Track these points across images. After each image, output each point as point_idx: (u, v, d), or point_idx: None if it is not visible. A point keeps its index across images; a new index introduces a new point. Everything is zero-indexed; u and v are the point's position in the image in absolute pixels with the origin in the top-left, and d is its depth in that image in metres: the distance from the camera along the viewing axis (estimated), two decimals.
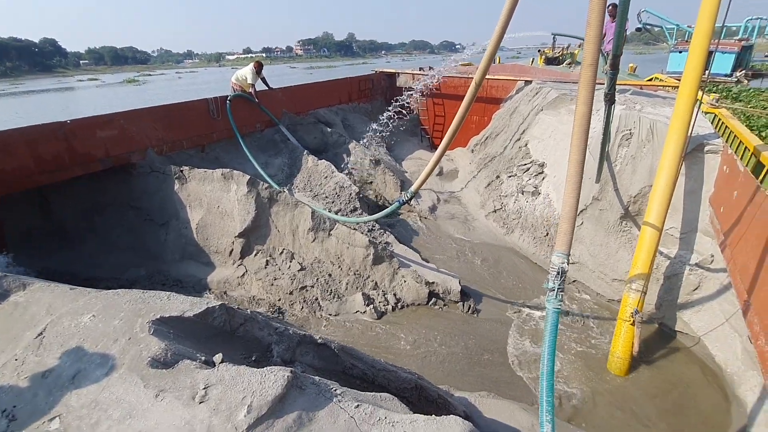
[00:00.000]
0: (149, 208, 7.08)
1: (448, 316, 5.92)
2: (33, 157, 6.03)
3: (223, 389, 1.85)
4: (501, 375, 4.94)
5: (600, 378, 4.85)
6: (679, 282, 5.39)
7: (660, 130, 5.80)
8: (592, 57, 2.22)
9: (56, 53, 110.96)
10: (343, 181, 8.77)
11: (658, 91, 9.23)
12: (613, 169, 6.22)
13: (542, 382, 2.33)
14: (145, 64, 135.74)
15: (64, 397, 1.88)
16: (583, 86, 2.27)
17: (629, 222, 6.05)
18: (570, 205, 2.34)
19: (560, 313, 2.58)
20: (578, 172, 2.34)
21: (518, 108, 10.15)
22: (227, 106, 8.89)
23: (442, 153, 4.62)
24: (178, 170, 6.92)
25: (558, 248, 2.37)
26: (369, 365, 3.13)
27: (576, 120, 2.32)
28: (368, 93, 13.67)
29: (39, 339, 2.15)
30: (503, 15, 3.02)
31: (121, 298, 2.39)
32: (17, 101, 43.33)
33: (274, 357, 2.60)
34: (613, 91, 5.24)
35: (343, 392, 2.08)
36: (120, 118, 7.11)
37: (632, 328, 4.75)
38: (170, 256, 6.83)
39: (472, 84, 3.73)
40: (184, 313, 2.30)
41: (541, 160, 8.30)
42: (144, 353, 2.01)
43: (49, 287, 2.56)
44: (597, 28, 2.17)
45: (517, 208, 8.11)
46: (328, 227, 6.60)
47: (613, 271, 6.12)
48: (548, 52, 17.32)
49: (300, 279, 6.31)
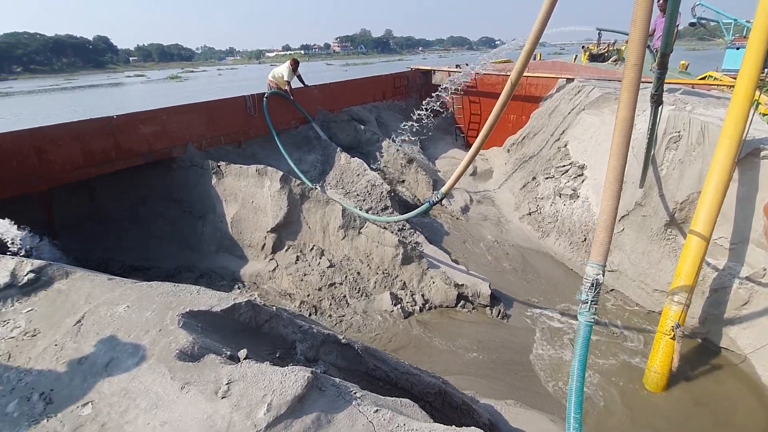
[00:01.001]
0: (188, 200, 7.34)
1: (476, 320, 5.81)
2: (82, 151, 6.38)
3: (245, 386, 1.88)
4: (529, 384, 4.80)
5: (635, 393, 4.62)
6: (727, 296, 5.04)
7: (712, 133, 5.43)
8: (636, 57, 2.07)
9: (108, 50, 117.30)
10: (375, 179, 8.76)
11: (711, 90, 8.65)
12: (658, 173, 5.89)
13: (570, 398, 2.23)
14: (189, 60, 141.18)
15: (97, 383, 1.97)
16: (626, 88, 2.13)
17: (674, 230, 5.71)
18: (608, 213, 2.22)
19: (594, 324, 2.46)
20: (618, 179, 2.21)
21: (558, 107, 9.80)
22: (264, 103, 9.08)
23: (475, 153, 4.51)
24: (216, 165, 7.13)
25: (593, 259, 2.25)
26: (392, 367, 3.11)
27: (617, 124, 2.18)
28: (403, 90, 13.60)
29: (77, 326, 2.26)
30: (542, 12, 2.89)
31: (154, 290, 2.48)
32: (69, 96, 46.13)
33: (298, 355, 2.63)
34: (660, 91, 4.94)
35: (363, 395, 2.07)
36: (162, 114, 7.40)
37: (672, 342, 4.49)
38: (206, 248, 7.07)
39: (508, 83, 3.61)
40: (212, 307, 2.36)
41: (581, 162, 7.98)
42: (173, 345, 2.07)
43: (89, 276, 2.69)
44: (643, 27, 2.03)
45: (554, 211, 7.84)
46: (358, 225, 6.62)
47: (654, 281, 5.80)
48: (593, 48, 16.58)
49: (329, 276, 6.37)
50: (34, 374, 2.03)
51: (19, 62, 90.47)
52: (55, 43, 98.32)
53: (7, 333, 2.24)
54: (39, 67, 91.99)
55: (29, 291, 2.51)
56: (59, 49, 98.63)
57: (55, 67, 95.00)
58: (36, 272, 2.58)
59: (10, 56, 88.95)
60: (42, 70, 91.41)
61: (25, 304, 2.43)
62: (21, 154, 5.65)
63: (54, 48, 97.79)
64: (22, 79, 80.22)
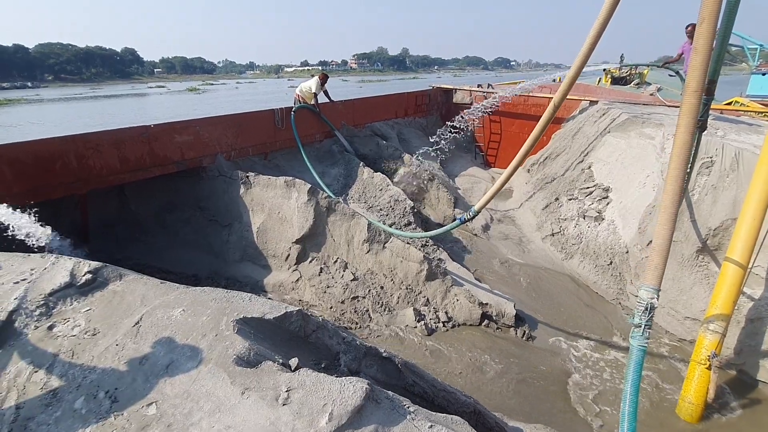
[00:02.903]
0: (215, 209, 7.47)
1: (501, 340, 5.74)
2: (119, 157, 6.58)
3: (305, 394, 1.90)
4: (556, 407, 4.71)
5: (668, 424, 4.50)
6: (764, 327, 4.92)
7: (747, 160, 5.38)
8: (697, 83, 2.10)
9: (134, 62, 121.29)
10: (398, 194, 8.82)
11: (741, 116, 8.60)
12: (690, 198, 5.83)
13: (623, 424, 2.19)
14: (211, 73, 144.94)
15: (159, 384, 2.00)
16: (685, 114, 2.15)
17: (707, 257, 5.62)
18: (663, 237, 2.22)
19: (622, 351, 2.42)
20: (675, 203, 2.21)
21: (582, 129, 9.81)
22: (291, 117, 9.27)
23: (511, 173, 4.54)
24: (244, 175, 7.27)
25: (648, 282, 2.24)
26: (430, 384, 3.09)
27: (675, 149, 2.20)
28: (424, 108, 13.77)
29: (136, 327, 2.31)
30: (591, 35, 2.94)
31: (207, 295, 2.53)
32: (85, 105, 47.29)
33: (342, 366, 2.64)
34: (705, 117, 4.93)
35: (416, 410, 2.07)
36: (196, 124, 7.61)
37: (708, 372, 4.38)
38: (231, 256, 7.15)
39: (551, 105, 3.65)
40: (264, 315, 2.39)
41: (605, 185, 7.95)
42: (230, 350, 2.11)
43: (141, 279, 2.75)
44: (705, 55, 2.06)
45: (578, 233, 7.78)
46: (382, 240, 6.65)
47: (685, 308, 5.69)
48: (614, 71, 16.64)
49: (352, 289, 6.38)
50: (98, 372, 2.07)
51: (51, 71, 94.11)
52: (85, 54, 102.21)
53: (69, 331, 2.30)
54: (69, 76, 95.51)
55: (87, 291, 2.58)
56: (89, 60, 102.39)
57: (84, 77, 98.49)
58: (93, 273, 2.65)
59: (42, 65, 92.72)
60: (71, 78, 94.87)
61: (83, 304, 2.49)
62: (65, 158, 5.85)
63: (84, 58, 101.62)
64: (52, 87, 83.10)
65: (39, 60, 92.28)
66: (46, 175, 5.67)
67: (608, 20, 2.73)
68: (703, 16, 2.04)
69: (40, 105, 47.72)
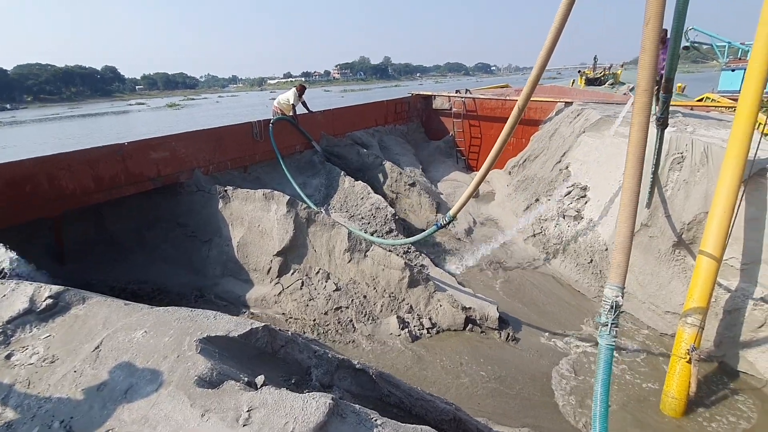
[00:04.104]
0: (194, 225, 7.37)
1: (485, 344, 5.73)
2: (93, 177, 6.46)
3: (266, 413, 1.85)
4: (541, 408, 4.69)
5: (652, 419, 4.51)
6: (742, 317, 4.99)
7: (716, 154, 5.50)
8: (647, 82, 2.14)
9: (115, 79, 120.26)
10: (379, 202, 8.81)
11: (710, 111, 8.80)
12: (663, 194, 5.93)
13: (595, 424, 2.18)
14: (193, 88, 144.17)
15: (116, 411, 1.94)
16: (638, 112, 2.18)
17: (683, 250, 5.71)
18: (624, 234, 2.23)
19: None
20: (632, 200, 2.24)
21: (559, 130, 9.94)
22: (270, 129, 9.23)
23: (482, 177, 4.56)
24: (222, 190, 7.20)
25: (612, 281, 2.25)
26: (406, 393, 3.06)
27: (630, 147, 2.23)
28: (404, 115, 13.84)
29: (96, 352, 2.24)
30: (548, 41, 2.98)
31: (171, 315, 2.47)
32: (64, 125, 46.45)
33: (313, 381, 2.59)
34: (665, 114, 5.04)
35: (383, 423, 2.04)
36: (172, 140, 7.53)
37: (688, 366, 4.41)
38: (212, 271, 7.05)
39: (515, 108, 3.69)
40: (229, 332, 2.34)
41: (583, 183, 8.04)
42: (191, 372, 2.05)
43: (106, 302, 2.68)
44: (653, 54, 2.10)
45: (558, 233, 7.85)
46: (364, 248, 6.62)
47: (665, 302, 5.75)
48: (589, 72, 16.98)
49: (335, 299, 6.33)
50: (53, 401, 2.00)
51: (30, 92, 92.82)
52: (65, 73, 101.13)
53: (27, 359, 2.22)
54: (48, 97, 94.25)
55: (47, 317, 2.50)
56: (68, 79, 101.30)
57: (64, 96, 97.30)
58: (54, 297, 2.58)
59: (21, 86, 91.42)
60: (51, 99, 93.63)
61: (43, 330, 2.42)
62: (35, 180, 5.72)
63: (64, 78, 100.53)
64: (31, 108, 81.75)
65: (17, 81, 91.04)
66: (15, 197, 5.54)
67: (563, 25, 2.78)
68: (648, 16, 2.09)
69: (13, 128, 46.71)
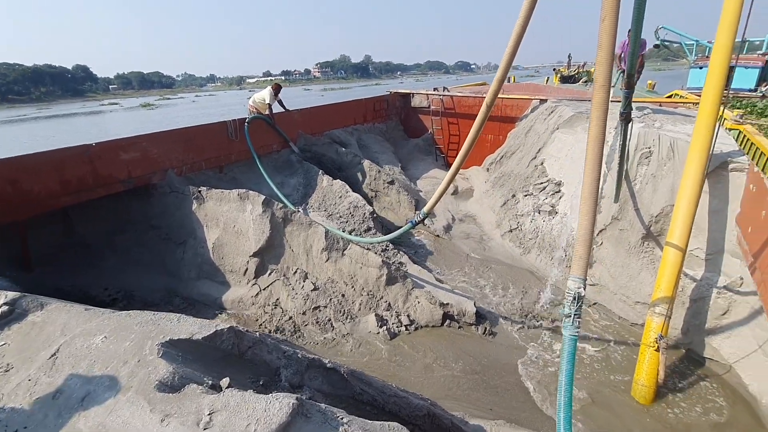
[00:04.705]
0: (168, 227, 7.22)
1: (463, 339, 5.78)
2: (59, 180, 6.25)
3: (228, 415, 1.82)
4: (519, 402, 4.76)
5: (624, 406, 4.63)
6: (707, 306, 5.16)
7: (681, 148, 5.67)
8: (604, 78, 2.19)
9: (88, 79, 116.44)
10: (357, 200, 8.80)
11: (678, 108, 9.07)
12: (632, 188, 6.08)
13: (560, 413, 2.23)
14: (170, 88, 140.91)
15: (72, 419, 1.88)
16: (596, 107, 2.23)
17: (651, 242, 5.87)
18: (585, 227, 2.28)
19: (580, 338, 2.48)
20: (592, 194, 2.29)
21: (534, 127, 10.10)
22: (245, 128, 9.10)
23: (454, 174, 4.60)
24: (196, 190, 7.06)
25: (574, 273, 2.29)
26: (379, 391, 3.06)
27: (589, 142, 2.27)
28: (383, 113, 13.83)
29: (52, 360, 2.17)
30: (512, 39, 3.02)
31: (133, 319, 2.41)
32: (29, 127, 44.47)
33: (282, 381, 2.57)
34: (628, 110, 5.16)
35: (350, 421, 2.03)
36: (143, 140, 7.34)
37: (657, 354, 4.54)
38: (187, 274, 6.92)
39: (483, 105, 3.73)
40: (193, 335, 2.30)
41: (557, 179, 8.19)
42: (152, 376, 2.01)
43: (65, 307, 2.60)
44: (608, 50, 2.15)
45: (534, 228, 7.97)
46: (341, 247, 6.60)
47: (635, 293, 5.91)
48: (563, 70, 17.30)
49: (313, 299, 6.29)
50: (7, 411, 1.93)
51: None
52: (33, 73, 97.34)
53: None
54: (17, 97, 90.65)
55: (2, 324, 2.41)
56: (38, 79, 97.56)
57: (33, 96, 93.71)
58: (9, 304, 2.48)
59: None
60: (20, 99, 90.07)
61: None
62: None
63: (33, 77, 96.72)
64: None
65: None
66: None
67: (527, 23, 2.82)
68: (603, 14, 2.13)
69: None
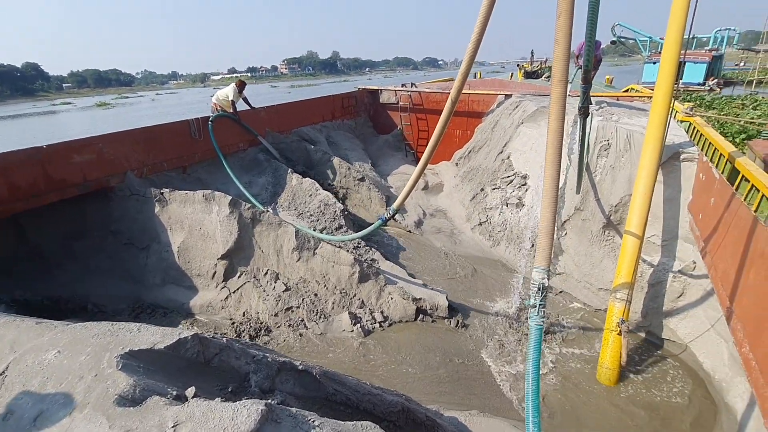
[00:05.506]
0: (129, 232, 6.92)
1: (436, 333, 5.84)
2: (7, 185, 5.88)
3: (193, 426, 1.76)
4: (492, 391, 4.87)
5: (590, 389, 4.81)
6: (664, 289, 5.42)
7: (637, 140, 5.91)
8: (561, 73, 2.24)
9: (39, 77, 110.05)
10: (328, 198, 8.72)
11: (634, 101, 9.45)
12: (593, 179, 6.30)
13: (528, 401, 2.28)
14: (129, 86, 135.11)
15: None
16: (555, 102, 2.29)
17: (612, 231, 6.10)
18: (547, 219, 2.34)
19: (547, 326, 2.54)
20: (553, 187, 2.35)
21: (499, 121, 10.29)
22: (209, 126, 8.84)
23: (422, 169, 4.62)
24: (158, 192, 6.81)
25: (537, 263, 2.35)
26: (353, 390, 3.05)
27: (549, 136, 2.33)
28: (352, 110, 13.76)
29: (1, 378, 2.04)
30: (474, 35, 3.05)
31: (89, 331, 2.29)
32: None
33: (252, 387, 2.51)
34: (586, 104, 5.34)
35: (321, 423, 2.01)
36: (98, 141, 7.00)
37: (619, 338, 4.73)
38: (151, 280, 6.67)
39: (448, 101, 3.76)
40: (154, 345, 2.21)
41: (523, 172, 8.38)
42: (111, 390, 1.91)
43: (14, 322, 2.44)
44: (565, 46, 2.21)
45: (502, 221, 8.14)
46: (312, 246, 6.52)
47: (598, 280, 6.14)
48: (527, 66, 17.73)
49: (285, 300, 6.20)
50: None
51: None
52: None
53: None
54: None
55: None
56: None
57: None
58: None
59: None
60: None
61: None
62: None
63: None
64: None
65: None
66: None
67: (487, 21, 2.86)
68: (559, 11, 2.18)
69: None
